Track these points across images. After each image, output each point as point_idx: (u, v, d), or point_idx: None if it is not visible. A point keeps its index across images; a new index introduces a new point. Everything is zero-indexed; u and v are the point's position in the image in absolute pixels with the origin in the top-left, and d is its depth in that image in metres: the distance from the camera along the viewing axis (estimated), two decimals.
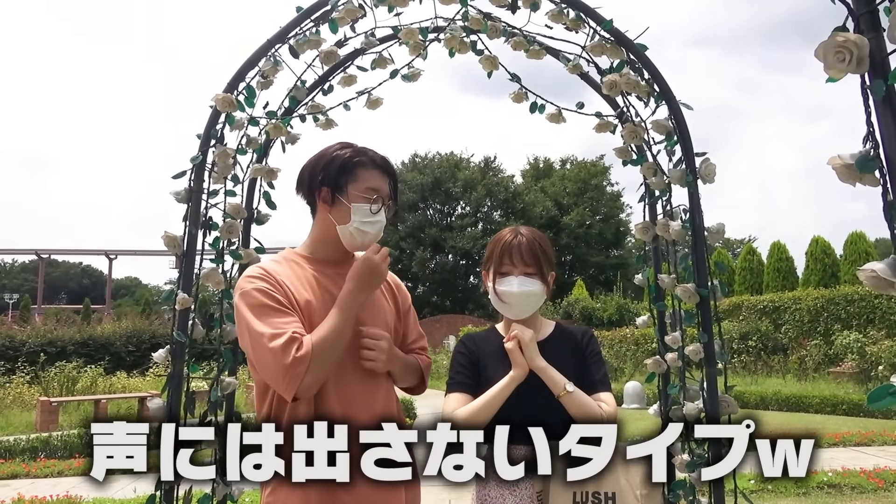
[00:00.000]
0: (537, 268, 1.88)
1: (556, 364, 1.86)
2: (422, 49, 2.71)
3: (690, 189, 2.25)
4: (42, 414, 10.08)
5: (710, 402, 2.15)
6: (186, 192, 2.34)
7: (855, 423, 9.44)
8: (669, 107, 2.29)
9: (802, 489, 5.62)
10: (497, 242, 1.93)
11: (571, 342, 1.95)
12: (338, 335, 1.67)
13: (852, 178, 1.17)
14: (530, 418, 1.77)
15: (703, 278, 2.20)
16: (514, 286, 1.86)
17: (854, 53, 1.15)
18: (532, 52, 2.66)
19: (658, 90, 2.32)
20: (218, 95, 2.34)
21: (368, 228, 1.82)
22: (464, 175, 37.90)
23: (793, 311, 16.41)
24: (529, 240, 1.89)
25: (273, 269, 1.79)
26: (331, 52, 2.61)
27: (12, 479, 6.80)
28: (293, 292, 1.74)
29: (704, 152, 2.25)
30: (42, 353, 14.43)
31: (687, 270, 2.30)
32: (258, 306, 1.68)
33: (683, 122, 2.29)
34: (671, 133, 2.31)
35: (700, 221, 2.24)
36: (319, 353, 1.62)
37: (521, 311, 1.90)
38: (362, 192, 1.81)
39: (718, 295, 2.22)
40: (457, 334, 22.81)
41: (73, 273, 72.21)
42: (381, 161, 1.87)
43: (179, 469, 2.20)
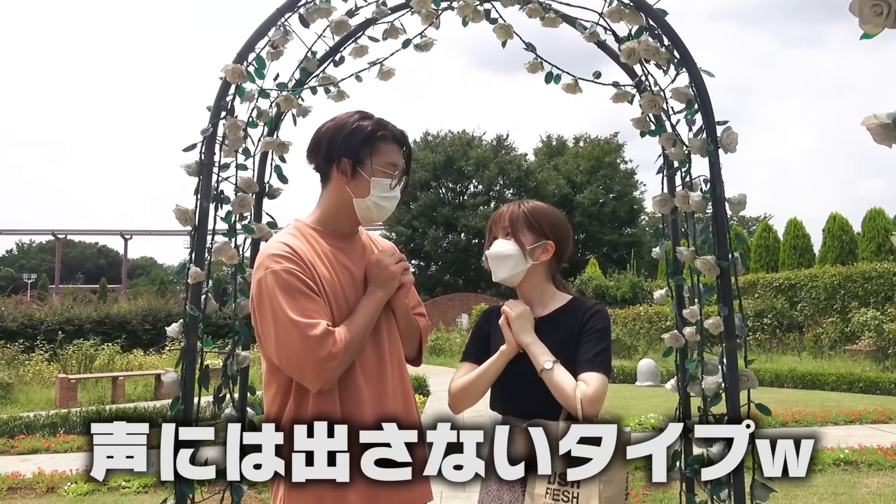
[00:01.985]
0: (512, 229, 1.91)
1: (554, 340, 1.84)
2: (434, 18, 2.64)
3: (711, 158, 2.19)
4: (61, 391, 10.23)
5: (729, 376, 2.11)
6: (197, 164, 2.31)
7: (871, 401, 9.37)
8: (690, 74, 2.22)
9: (818, 466, 5.58)
10: (493, 215, 2.02)
11: (574, 318, 1.89)
12: (363, 337, 1.72)
13: (889, 139, 1.12)
14: (532, 396, 1.83)
15: (724, 250, 2.15)
16: (491, 248, 1.94)
17: (892, 6, 1.09)
18: (548, 19, 2.58)
19: (678, 57, 2.25)
20: (227, 66, 2.31)
21: (386, 203, 1.83)
22: (476, 153, 37.68)
23: (809, 288, 16.26)
24: (514, 209, 1.96)
25: (297, 245, 1.74)
26: (342, 21, 2.56)
27: (33, 453, 6.92)
28: (316, 271, 1.73)
29: (726, 121, 2.19)
30: (60, 332, 14.65)
31: (707, 243, 2.24)
32: (290, 290, 1.64)
33: (704, 89, 2.22)
34: (692, 101, 2.25)
35: (721, 192, 2.18)
36: (349, 348, 1.65)
37: (497, 271, 1.93)
38: (383, 167, 1.80)
39: (739, 267, 2.17)
40: (469, 313, 22.85)
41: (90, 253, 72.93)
42: (401, 135, 1.86)
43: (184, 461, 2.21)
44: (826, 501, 4.63)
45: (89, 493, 5.18)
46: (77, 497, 5.11)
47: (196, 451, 2.23)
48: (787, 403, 9.00)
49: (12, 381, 11.15)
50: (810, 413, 8.11)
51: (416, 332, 1.96)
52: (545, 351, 1.82)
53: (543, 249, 1.92)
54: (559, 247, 1.95)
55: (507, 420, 1.88)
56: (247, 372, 2.68)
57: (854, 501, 4.62)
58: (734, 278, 2.17)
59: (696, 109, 2.24)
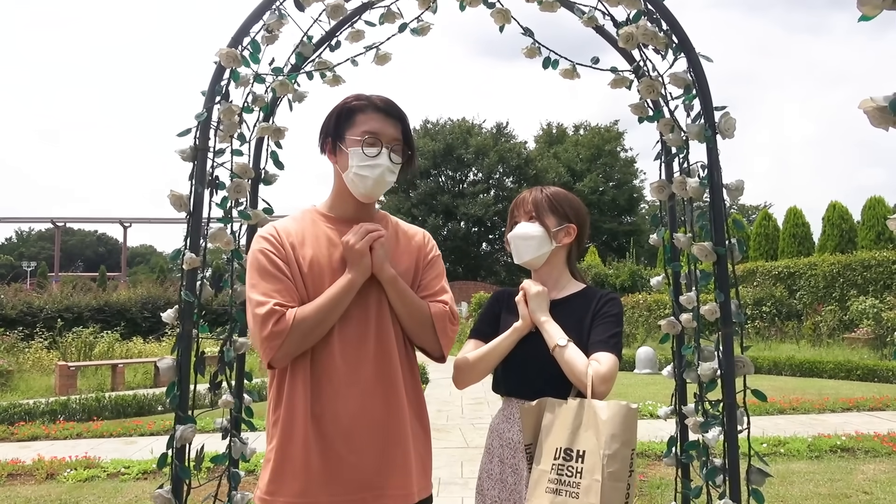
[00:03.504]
0: (536, 212, 1.95)
1: (566, 324, 1.85)
2: (431, 2, 2.62)
3: (709, 144, 2.17)
4: (61, 378, 10.25)
5: (725, 362, 2.11)
6: (192, 150, 2.29)
7: (869, 389, 9.41)
8: (688, 59, 2.20)
9: (815, 453, 5.61)
10: (514, 200, 2.04)
11: (587, 304, 1.91)
12: (321, 314, 1.66)
13: (885, 122, 1.10)
14: (540, 377, 1.85)
15: (721, 236, 2.14)
16: (515, 230, 1.97)
17: None
18: (545, 4, 2.56)
19: (677, 41, 2.23)
20: (222, 50, 2.28)
21: (366, 172, 1.75)
22: (476, 141, 37.59)
23: (808, 276, 16.26)
24: (538, 193, 1.99)
25: (284, 227, 1.78)
26: (338, 5, 2.53)
27: (32, 440, 6.94)
28: (298, 251, 1.73)
29: (724, 106, 2.17)
30: (59, 319, 14.65)
31: (704, 229, 2.23)
32: (257, 269, 1.71)
33: (703, 74, 2.20)
34: (690, 86, 2.23)
35: (718, 178, 2.17)
36: (298, 328, 1.63)
37: (521, 252, 1.95)
38: (358, 136, 1.76)
39: (736, 253, 2.16)
40: (469, 301, 22.87)
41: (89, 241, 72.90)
42: (384, 104, 1.80)
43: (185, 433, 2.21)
44: (822, 487, 4.65)
45: (89, 480, 5.20)
46: (76, 483, 5.12)
47: (192, 438, 2.24)
48: (784, 391, 9.03)
49: (12, 369, 11.16)
50: (808, 401, 8.13)
51: (423, 317, 1.79)
52: (559, 329, 1.83)
53: (566, 232, 1.96)
54: (580, 231, 1.99)
55: (510, 401, 1.92)
56: (243, 358, 2.68)
57: (850, 487, 4.64)
58: (731, 265, 2.16)
59: (695, 95, 2.22)
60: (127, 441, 6.81)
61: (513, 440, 1.86)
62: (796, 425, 6.84)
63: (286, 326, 1.62)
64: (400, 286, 1.76)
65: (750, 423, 2.16)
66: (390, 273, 1.74)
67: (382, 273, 1.73)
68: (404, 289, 1.77)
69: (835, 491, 4.57)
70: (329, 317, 1.67)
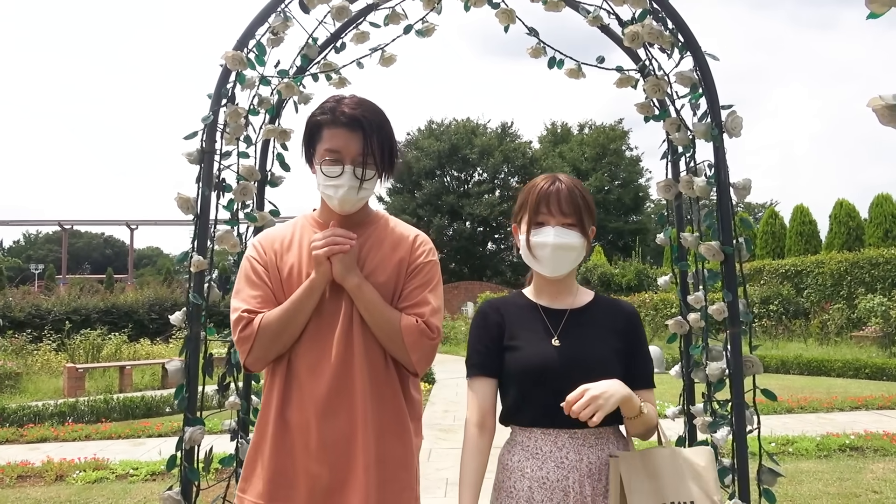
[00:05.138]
0: (577, 218, 1.63)
1: (594, 338, 1.63)
2: (436, 3, 2.62)
3: (716, 143, 2.17)
4: (69, 380, 10.29)
5: (734, 362, 2.10)
6: (198, 152, 2.30)
7: (878, 387, 9.36)
8: (695, 57, 2.20)
9: (824, 452, 5.58)
10: (531, 190, 1.68)
11: (613, 317, 1.68)
12: (284, 318, 1.65)
13: (894, 120, 1.10)
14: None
15: (728, 235, 2.13)
16: (551, 237, 1.61)
17: None
18: (550, 3, 2.56)
19: (683, 40, 2.23)
20: (228, 53, 2.29)
21: (330, 192, 1.69)
22: (481, 141, 37.55)
23: (815, 274, 16.19)
24: (569, 187, 1.65)
25: (272, 234, 1.81)
26: (342, 7, 2.54)
27: (41, 442, 6.96)
28: (280, 258, 1.75)
29: (731, 105, 2.17)
30: (67, 321, 14.71)
31: (711, 228, 2.23)
32: (242, 276, 1.75)
33: (709, 73, 2.20)
34: (696, 85, 2.22)
35: (725, 176, 2.16)
36: (263, 333, 1.65)
37: (557, 266, 1.64)
38: (322, 155, 1.69)
39: (744, 252, 2.15)
40: (475, 301, 22.86)
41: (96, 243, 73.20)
42: (347, 118, 1.67)
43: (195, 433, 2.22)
44: (831, 487, 4.63)
45: (98, 482, 5.22)
46: (85, 485, 5.14)
47: (201, 439, 2.24)
48: (792, 390, 8.99)
49: (21, 371, 11.22)
50: (816, 399, 8.10)
51: (391, 330, 1.66)
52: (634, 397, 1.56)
53: (592, 235, 1.71)
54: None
55: (533, 433, 1.62)
56: None
57: (859, 486, 4.61)
58: (739, 264, 2.15)
59: (701, 93, 2.21)
60: (135, 443, 6.83)
61: (548, 479, 1.56)
62: (805, 424, 6.81)
63: (252, 332, 1.65)
64: (365, 296, 1.66)
65: (760, 423, 2.15)
66: (353, 282, 1.66)
67: (345, 282, 1.66)
68: (370, 299, 1.66)
69: (844, 490, 4.54)
70: (293, 321, 1.66)
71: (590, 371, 1.55)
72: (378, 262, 1.73)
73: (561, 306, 1.69)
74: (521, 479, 1.59)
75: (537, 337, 1.64)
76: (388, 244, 1.77)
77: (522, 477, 1.59)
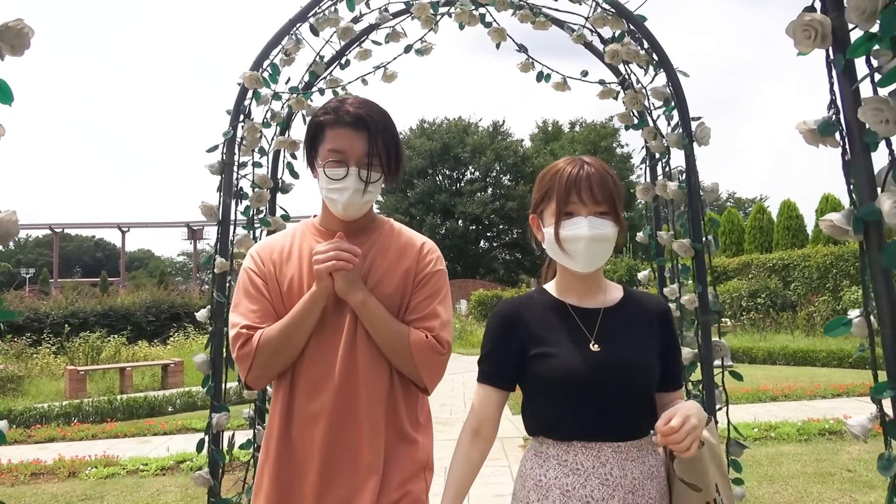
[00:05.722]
0: (610, 205, 1.46)
1: (634, 340, 1.48)
2: (434, 23, 2.85)
3: (686, 151, 2.41)
4: (70, 382, 10.47)
5: (704, 346, 2.35)
6: (219, 164, 2.53)
7: (860, 376, 9.66)
8: (667, 74, 2.45)
9: (804, 436, 5.86)
10: (557, 176, 1.49)
11: (648, 314, 1.54)
12: (285, 333, 1.58)
13: (815, 141, 1.34)
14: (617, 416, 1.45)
15: (698, 234, 2.38)
16: (584, 228, 1.43)
17: (819, 31, 1.31)
18: (538, 23, 2.80)
19: (657, 59, 2.47)
20: (245, 73, 2.52)
21: (334, 196, 1.60)
22: (472, 140, 37.83)
23: (802, 268, 16.52)
24: (599, 171, 1.48)
25: (271, 244, 1.72)
26: (347, 27, 2.78)
27: (50, 442, 7.16)
28: (280, 270, 1.67)
29: (699, 117, 2.42)
30: (66, 325, 14.86)
31: (684, 227, 2.48)
32: (240, 289, 1.67)
33: (680, 88, 2.44)
34: (668, 99, 2.47)
35: (695, 181, 2.41)
36: (263, 350, 1.57)
37: (592, 260, 1.47)
38: (325, 157, 1.61)
39: (712, 249, 2.40)
40: (468, 298, 23.11)
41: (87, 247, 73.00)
42: (352, 117, 1.59)
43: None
44: (808, 467, 4.90)
45: (110, 477, 5.43)
46: (98, 480, 5.35)
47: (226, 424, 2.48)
48: (778, 379, 9.29)
49: (23, 374, 11.39)
50: (800, 388, 8.39)
51: (400, 345, 1.58)
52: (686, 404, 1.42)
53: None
54: None
55: (573, 447, 1.45)
56: None
57: (835, 466, 4.89)
58: (708, 259, 2.40)
59: (673, 107, 2.46)
60: (142, 440, 7.04)
61: (592, 498, 1.41)
62: (787, 411, 7.09)
63: (251, 349, 1.57)
64: (371, 311, 1.58)
65: (728, 401, 2.40)
66: (358, 297, 1.57)
67: (348, 298, 1.58)
68: (376, 314, 1.58)
69: (820, 470, 4.82)
70: (293, 337, 1.58)
71: (635, 378, 1.45)
72: (384, 272, 1.65)
73: (592, 305, 1.52)
74: (561, 497, 1.42)
75: (572, 342, 1.46)
76: (394, 252, 1.68)
77: (563, 495, 1.42)
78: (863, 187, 1.29)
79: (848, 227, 1.28)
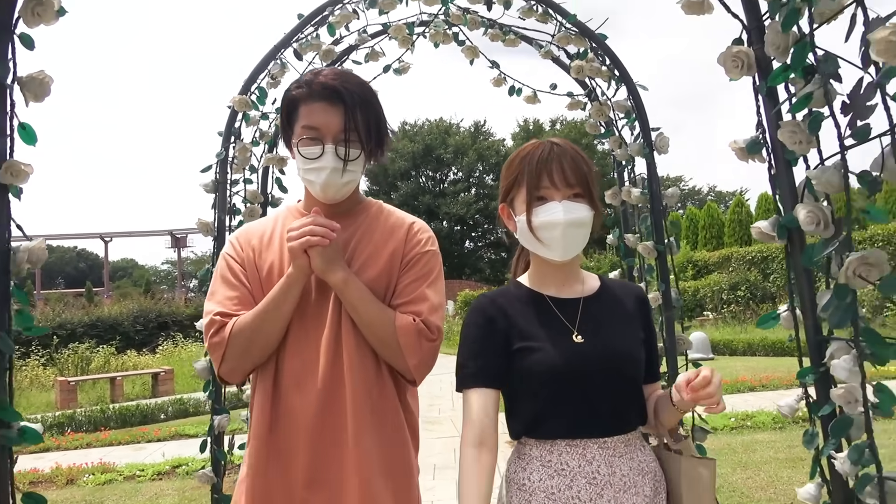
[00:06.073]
0: (585, 188, 1.39)
1: (617, 329, 1.43)
2: (410, 44, 3.04)
3: (648, 160, 2.61)
4: (61, 393, 10.53)
5: (668, 340, 2.55)
6: (213, 183, 2.69)
7: None
8: (628, 89, 2.64)
9: (779, 424, 6.10)
10: (526, 160, 1.41)
11: (627, 302, 1.49)
12: (260, 320, 1.46)
13: (745, 157, 1.54)
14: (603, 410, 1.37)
15: (660, 236, 2.58)
16: (559, 213, 1.35)
17: (745, 61, 1.51)
18: (508, 41, 3.00)
19: (618, 74, 2.67)
20: (235, 98, 2.68)
21: (311, 177, 1.48)
22: (454, 141, 38.07)
23: (781, 260, 16.85)
24: (570, 152, 1.40)
25: (250, 230, 1.62)
26: (328, 50, 2.95)
27: (45, 452, 7.24)
28: (259, 255, 1.56)
29: (658, 127, 2.61)
30: (55, 336, 14.88)
31: (648, 230, 2.67)
32: (217, 276, 1.57)
33: (640, 101, 2.64)
34: (629, 112, 2.66)
35: (657, 188, 2.61)
36: (237, 337, 1.45)
37: (569, 248, 1.39)
38: (299, 135, 1.48)
39: (674, 249, 2.60)
40: (455, 299, 23.28)
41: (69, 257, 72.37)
42: (326, 89, 1.46)
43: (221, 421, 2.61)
44: (781, 453, 5.14)
45: (108, 483, 5.56)
46: (97, 486, 5.48)
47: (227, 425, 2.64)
48: (756, 370, 9.56)
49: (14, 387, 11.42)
50: (777, 377, 8.66)
51: (384, 331, 1.46)
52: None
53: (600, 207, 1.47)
54: None
55: (557, 445, 1.37)
56: None
57: (807, 452, 5.09)
58: (670, 259, 2.60)
59: (634, 118, 2.66)
60: (136, 447, 7.15)
61: (579, 499, 1.33)
62: (764, 401, 7.34)
63: (224, 338, 1.46)
64: (352, 292, 1.46)
65: None
66: (337, 277, 1.45)
67: (327, 277, 1.46)
68: (359, 295, 1.46)
69: (792, 455, 5.05)
70: (268, 324, 1.46)
71: (621, 368, 1.38)
72: (369, 255, 1.54)
73: (571, 295, 1.45)
74: (546, 500, 1.34)
75: (555, 334, 1.39)
76: (381, 234, 1.56)
77: (548, 499, 1.34)
78: (786, 198, 1.49)
79: (773, 233, 1.47)
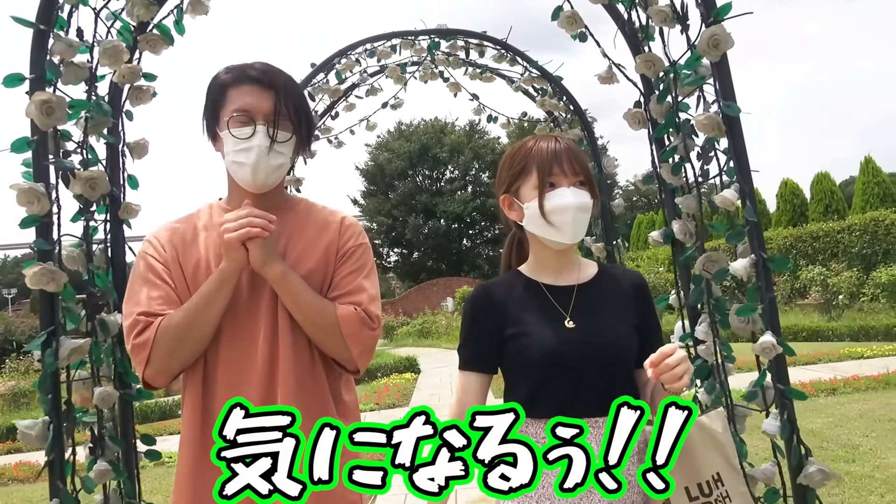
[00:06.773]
0: (586, 176, 1.48)
1: (609, 316, 1.47)
2: (404, 82, 3.65)
3: (597, 178, 3.22)
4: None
5: None
6: None
7: (812, 347, 10.60)
8: (581, 121, 3.26)
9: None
10: (534, 150, 1.49)
11: (623, 289, 1.52)
12: (190, 317, 1.41)
13: (643, 185, 2.15)
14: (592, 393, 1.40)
15: (610, 238, 3.19)
16: (570, 198, 1.43)
17: (641, 118, 2.12)
18: (485, 77, 3.61)
19: (572, 108, 3.28)
20: None
21: (241, 158, 1.46)
22: (450, 140, 38.60)
23: None
24: (572, 146, 1.50)
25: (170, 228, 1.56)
26: (335, 89, 3.56)
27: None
28: (182, 253, 1.51)
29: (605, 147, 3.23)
30: None
31: (601, 233, 3.29)
32: (136, 277, 1.50)
33: (591, 131, 3.26)
34: (582, 140, 3.28)
35: (607, 201, 3.22)
36: (162, 338, 1.40)
37: (577, 230, 1.46)
38: (229, 116, 1.46)
39: (621, 250, 3.21)
40: (453, 295, 23.90)
41: None
42: (257, 72, 1.49)
43: None
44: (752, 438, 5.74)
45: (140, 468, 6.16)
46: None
47: None
48: (738, 354, 10.20)
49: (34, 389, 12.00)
50: (751, 361, 9.26)
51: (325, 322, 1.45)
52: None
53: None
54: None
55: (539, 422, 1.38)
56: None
57: None
58: (619, 259, 3.21)
59: (587, 145, 3.27)
60: (160, 440, 7.63)
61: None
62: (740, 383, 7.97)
63: (149, 338, 1.39)
64: (292, 285, 1.44)
65: None
66: (277, 270, 1.43)
67: (266, 271, 1.43)
68: (298, 288, 1.45)
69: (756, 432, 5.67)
70: (200, 320, 1.41)
71: (610, 352, 1.43)
72: (302, 249, 1.53)
73: (566, 282, 1.51)
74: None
75: (547, 319, 1.45)
76: (312, 228, 1.56)
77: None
78: (670, 215, 2.10)
79: (661, 239, 2.09)
